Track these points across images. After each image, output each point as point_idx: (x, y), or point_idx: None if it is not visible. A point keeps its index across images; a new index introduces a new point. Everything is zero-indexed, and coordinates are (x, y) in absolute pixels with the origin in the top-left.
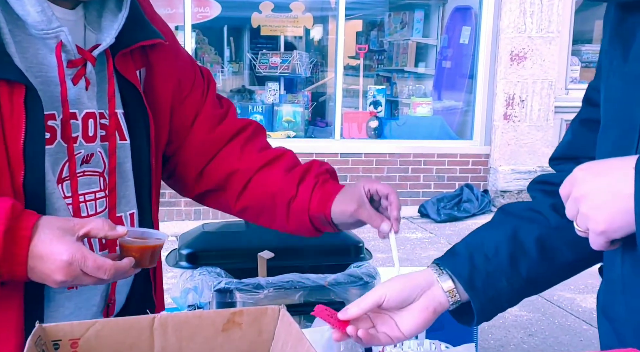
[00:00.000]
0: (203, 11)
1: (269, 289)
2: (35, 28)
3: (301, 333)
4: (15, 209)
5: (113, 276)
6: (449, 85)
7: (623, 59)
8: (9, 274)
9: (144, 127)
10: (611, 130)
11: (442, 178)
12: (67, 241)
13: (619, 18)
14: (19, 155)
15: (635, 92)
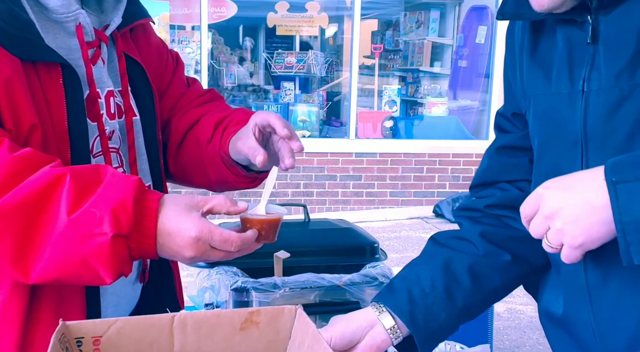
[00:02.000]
0: (219, 11)
1: (284, 289)
2: (56, 12)
3: (318, 333)
4: (141, 184)
5: (239, 248)
6: (465, 84)
7: (547, 81)
8: (139, 249)
9: (150, 102)
10: (551, 149)
11: (457, 178)
12: (193, 217)
13: (531, 44)
14: (64, 134)
15: (568, 110)
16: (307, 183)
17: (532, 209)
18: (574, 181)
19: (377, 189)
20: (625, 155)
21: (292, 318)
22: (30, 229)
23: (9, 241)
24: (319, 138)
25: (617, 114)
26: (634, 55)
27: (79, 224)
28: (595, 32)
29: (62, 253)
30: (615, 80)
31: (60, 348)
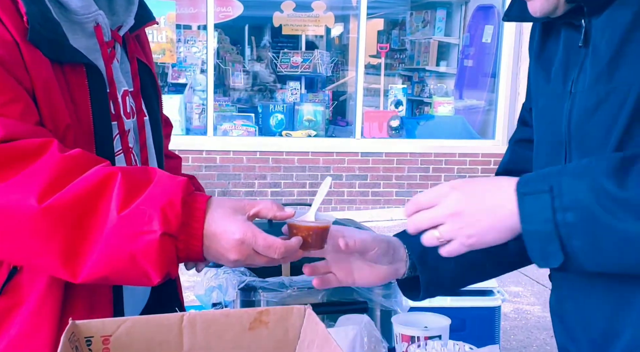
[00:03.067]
0: (225, 11)
1: (292, 288)
2: (77, 13)
3: (327, 333)
4: (189, 185)
5: (283, 255)
6: (471, 84)
7: (546, 81)
8: (186, 250)
9: (156, 103)
10: (543, 146)
11: (463, 178)
12: (238, 220)
13: (540, 44)
14: (90, 134)
15: (558, 110)
16: (312, 183)
17: (430, 203)
18: (481, 188)
19: (383, 188)
20: (535, 173)
21: (302, 318)
22: (81, 227)
23: (60, 239)
24: (324, 137)
25: (594, 117)
26: (612, 59)
27: (128, 221)
28: (587, 36)
29: (112, 251)
30: (594, 83)
31: (70, 347)
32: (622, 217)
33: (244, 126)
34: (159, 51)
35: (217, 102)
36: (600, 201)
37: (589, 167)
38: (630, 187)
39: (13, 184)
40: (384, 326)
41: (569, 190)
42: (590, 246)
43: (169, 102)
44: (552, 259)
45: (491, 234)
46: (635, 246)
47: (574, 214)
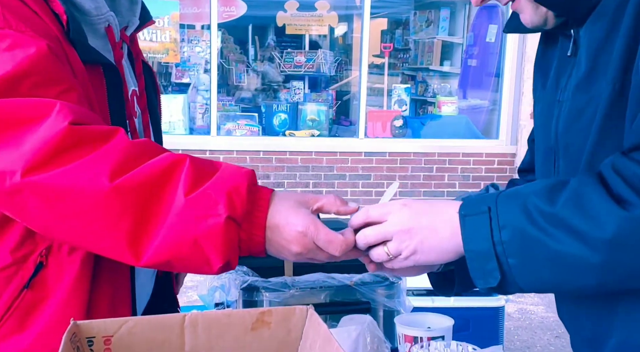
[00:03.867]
0: (229, 10)
1: (295, 289)
2: (90, 14)
3: (329, 333)
4: (254, 176)
5: (343, 251)
6: (475, 83)
7: (543, 87)
8: (248, 241)
9: (157, 103)
10: (539, 151)
11: (467, 178)
12: (302, 213)
13: (540, 52)
14: None
15: (550, 117)
16: (316, 182)
17: (380, 218)
18: (430, 209)
19: (387, 188)
20: (477, 195)
21: (304, 318)
22: (149, 208)
23: (128, 219)
24: (328, 137)
25: (574, 125)
26: (590, 69)
27: (195, 204)
28: (576, 45)
29: (176, 234)
30: (576, 92)
31: (72, 348)
32: (552, 233)
33: (248, 126)
34: (163, 51)
35: (221, 102)
36: (531, 217)
37: (524, 189)
38: (559, 204)
39: (85, 164)
40: (386, 327)
41: (504, 209)
42: (525, 263)
43: (173, 101)
44: (490, 277)
45: (435, 252)
46: (566, 263)
47: (508, 232)
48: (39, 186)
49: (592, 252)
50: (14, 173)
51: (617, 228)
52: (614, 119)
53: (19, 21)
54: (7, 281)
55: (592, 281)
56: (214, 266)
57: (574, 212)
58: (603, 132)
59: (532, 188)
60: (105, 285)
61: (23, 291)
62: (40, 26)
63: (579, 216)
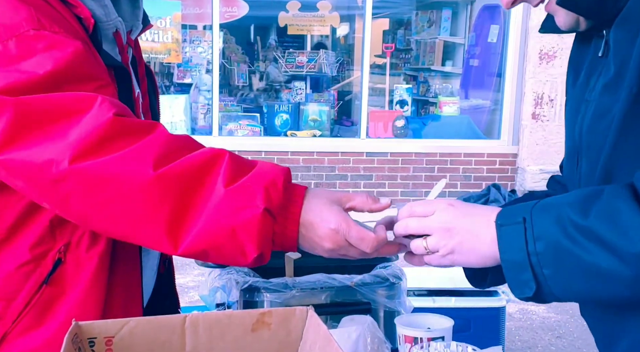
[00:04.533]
0: (231, 11)
1: (296, 289)
2: (101, 21)
3: (329, 334)
4: (290, 174)
5: (374, 248)
6: (477, 84)
7: (573, 85)
8: (282, 235)
9: (157, 104)
10: (567, 148)
11: (468, 178)
12: (334, 210)
13: (575, 49)
14: None
15: (577, 114)
16: (318, 183)
17: (424, 213)
18: (473, 211)
19: (388, 188)
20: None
21: (304, 319)
22: (189, 197)
23: (169, 207)
24: (330, 137)
25: (597, 126)
26: (617, 72)
27: (234, 196)
28: (607, 46)
29: (214, 224)
30: (603, 94)
31: (73, 348)
32: (586, 246)
33: (249, 126)
34: (165, 51)
35: (223, 102)
36: (565, 230)
37: (558, 200)
38: (591, 217)
39: (130, 153)
40: (387, 327)
41: (539, 221)
42: (560, 274)
43: (175, 102)
44: (526, 287)
45: (473, 256)
46: (599, 274)
47: (543, 244)
48: (85, 173)
49: (625, 266)
50: (61, 161)
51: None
52: (631, 123)
53: (52, 23)
54: (26, 277)
55: (626, 293)
56: (249, 256)
57: (606, 225)
58: (620, 136)
59: (566, 199)
60: (119, 282)
61: (42, 287)
62: (71, 28)
63: (611, 229)
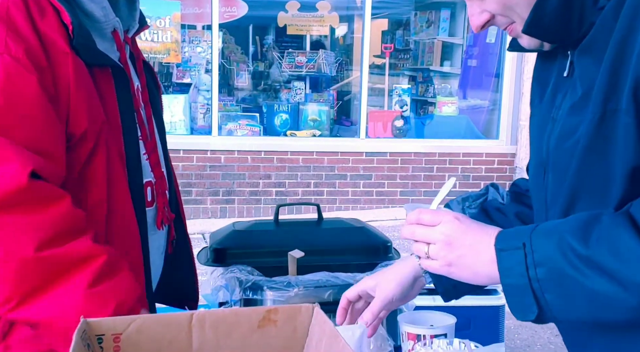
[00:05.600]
0: (230, 11)
1: (299, 287)
2: (99, 21)
3: (335, 331)
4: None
5: None
6: (475, 84)
7: (540, 100)
8: None
9: (158, 97)
10: (532, 162)
11: (467, 177)
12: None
13: (539, 65)
14: (118, 127)
15: (544, 131)
16: (317, 182)
17: (430, 222)
18: (476, 229)
19: (388, 188)
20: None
21: (310, 316)
22: (52, 284)
23: (30, 285)
24: (329, 137)
25: (563, 144)
26: (585, 95)
27: (89, 299)
28: (572, 67)
29: (61, 316)
30: (570, 113)
31: (82, 345)
32: (588, 273)
33: (249, 126)
34: (164, 51)
35: (222, 102)
36: (567, 257)
37: (558, 226)
38: (593, 245)
39: (21, 227)
40: (390, 324)
41: (539, 247)
42: (562, 299)
43: (174, 102)
44: (528, 311)
45: (469, 272)
46: (602, 301)
47: (544, 270)
48: None
49: (628, 294)
50: None
51: None
52: (596, 145)
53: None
54: None
55: (628, 317)
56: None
57: (608, 255)
58: (586, 157)
59: (566, 225)
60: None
61: None
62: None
63: (613, 259)
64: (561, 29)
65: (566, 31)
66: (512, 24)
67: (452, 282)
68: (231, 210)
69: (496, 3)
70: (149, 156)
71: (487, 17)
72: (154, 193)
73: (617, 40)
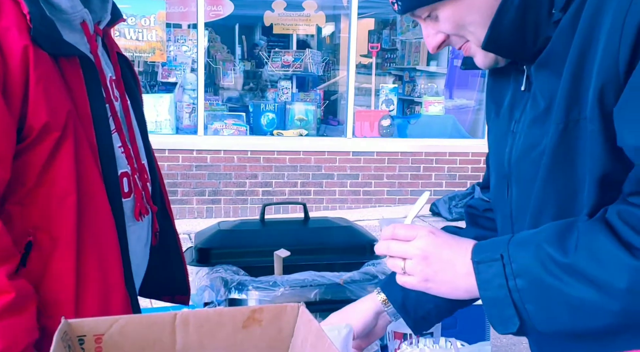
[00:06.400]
0: (216, 9)
1: (285, 287)
2: (66, 12)
3: (321, 330)
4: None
5: None
6: (461, 84)
7: (496, 115)
8: None
9: (136, 89)
10: (493, 176)
11: (453, 176)
12: None
13: (491, 82)
14: (88, 117)
15: (503, 145)
16: (304, 182)
17: (406, 237)
18: (452, 243)
19: (374, 187)
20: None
21: (295, 316)
22: None
23: None
24: (316, 137)
25: (527, 157)
26: (546, 108)
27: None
28: (529, 81)
29: None
30: (531, 126)
31: (63, 346)
32: (569, 281)
33: (235, 125)
34: (149, 50)
35: (208, 101)
36: (546, 266)
37: (534, 235)
38: (571, 253)
39: None
40: None
41: (517, 257)
42: (543, 309)
43: (159, 101)
44: (509, 323)
45: (446, 287)
46: (586, 308)
47: (524, 280)
48: None
49: (611, 300)
50: None
51: (630, 277)
52: (559, 157)
53: None
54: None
55: (613, 322)
56: None
57: (588, 262)
58: (552, 167)
59: (541, 235)
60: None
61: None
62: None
63: (594, 266)
64: (518, 44)
65: (522, 46)
66: (466, 43)
67: (420, 314)
68: (217, 210)
69: (450, 24)
70: (124, 148)
71: (442, 37)
72: (131, 184)
73: (577, 52)
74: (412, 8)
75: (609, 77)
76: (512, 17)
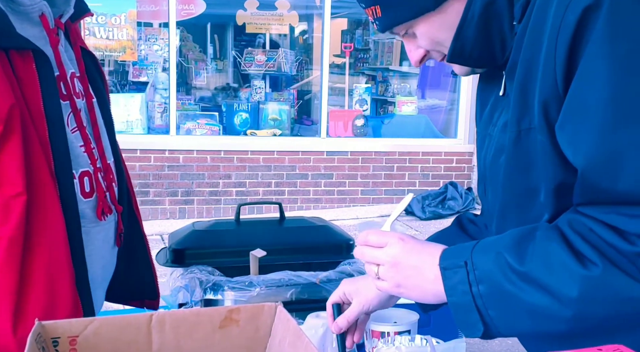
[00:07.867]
0: (187, 8)
1: (261, 287)
2: (23, 4)
3: (299, 329)
4: None
5: None
6: (434, 84)
7: (479, 118)
8: None
9: (102, 85)
10: (478, 176)
11: (427, 176)
12: None
13: (481, 85)
14: (40, 113)
15: (482, 148)
16: (278, 182)
17: (377, 244)
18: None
19: (349, 187)
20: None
21: (272, 315)
22: None
23: None
24: (290, 136)
25: (497, 160)
26: (513, 112)
27: None
28: (506, 86)
29: None
30: (501, 130)
31: (37, 348)
32: (525, 288)
33: (208, 125)
34: (120, 49)
35: (180, 101)
36: (505, 274)
37: (495, 242)
38: (527, 262)
39: None
40: None
41: (480, 264)
42: (505, 315)
43: (130, 100)
44: (474, 328)
45: (417, 292)
46: (541, 314)
47: (486, 286)
48: None
49: (563, 307)
50: None
51: (581, 287)
52: (515, 163)
53: None
54: None
55: (566, 328)
56: None
57: (542, 270)
58: (509, 173)
59: (502, 241)
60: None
61: None
62: None
63: (547, 274)
64: (485, 54)
65: (491, 56)
66: (445, 56)
67: None
68: (190, 210)
69: (426, 40)
70: (86, 146)
71: (422, 52)
72: (93, 184)
73: (524, 62)
74: (389, 26)
75: (551, 93)
76: (474, 32)
